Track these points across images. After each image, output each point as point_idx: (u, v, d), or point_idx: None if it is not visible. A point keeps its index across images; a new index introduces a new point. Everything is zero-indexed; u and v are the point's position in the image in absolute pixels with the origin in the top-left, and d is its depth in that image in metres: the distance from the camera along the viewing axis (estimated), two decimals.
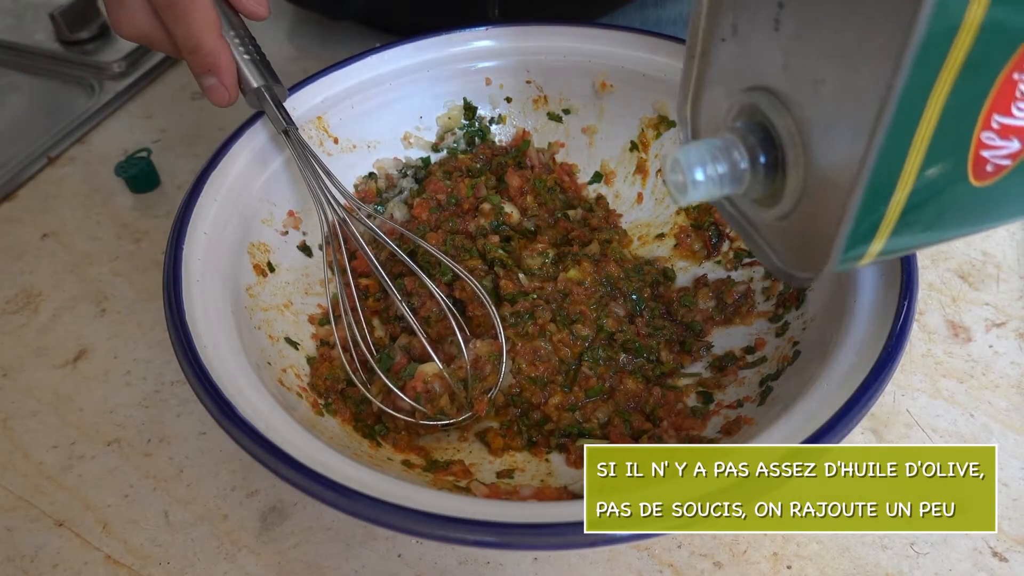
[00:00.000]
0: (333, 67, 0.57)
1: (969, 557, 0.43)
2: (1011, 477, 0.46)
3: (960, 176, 0.28)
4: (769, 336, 0.49)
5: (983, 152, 0.28)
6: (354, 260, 0.54)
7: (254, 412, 0.39)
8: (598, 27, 0.59)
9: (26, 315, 0.57)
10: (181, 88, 0.75)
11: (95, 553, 0.45)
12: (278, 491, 0.46)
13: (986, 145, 0.27)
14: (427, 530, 0.35)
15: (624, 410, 0.47)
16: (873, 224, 0.28)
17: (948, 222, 0.30)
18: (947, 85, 0.25)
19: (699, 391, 0.48)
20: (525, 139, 0.61)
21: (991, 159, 0.28)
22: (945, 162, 0.27)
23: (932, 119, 0.26)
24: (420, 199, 0.56)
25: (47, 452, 0.49)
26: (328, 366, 0.48)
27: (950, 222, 0.30)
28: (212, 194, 0.48)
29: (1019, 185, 0.29)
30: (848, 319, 0.42)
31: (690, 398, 0.48)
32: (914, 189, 0.27)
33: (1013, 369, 0.51)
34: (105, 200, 0.64)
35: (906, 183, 0.27)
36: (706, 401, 0.48)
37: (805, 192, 0.29)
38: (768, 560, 0.43)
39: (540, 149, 0.61)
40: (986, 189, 0.29)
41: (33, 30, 0.79)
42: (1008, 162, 0.28)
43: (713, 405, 0.47)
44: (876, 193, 0.27)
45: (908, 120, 0.25)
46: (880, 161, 0.26)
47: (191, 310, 0.42)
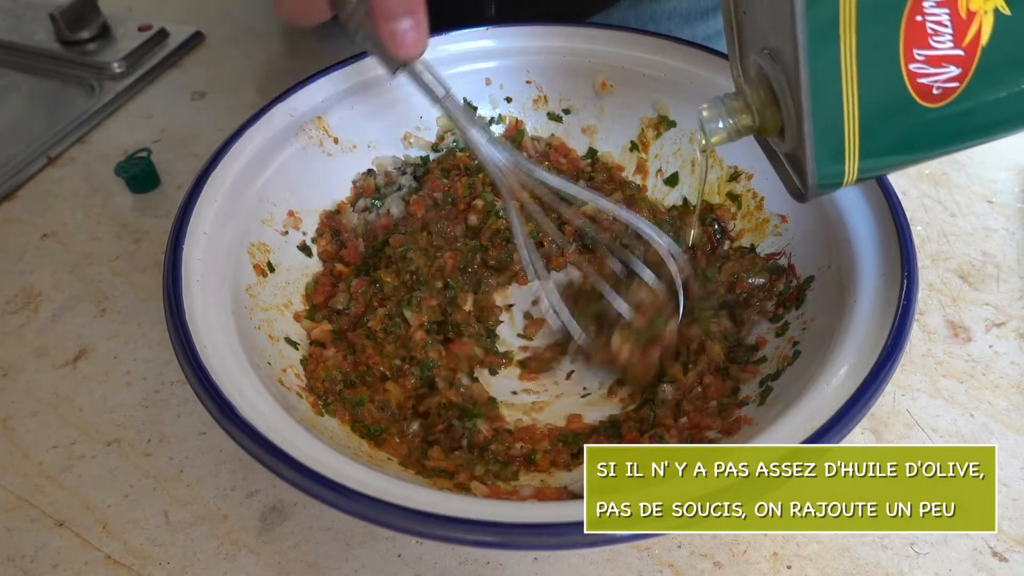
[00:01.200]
0: (333, 67, 0.57)
1: (969, 557, 0.43)
2: (1011, 477, 0.46)
3: (907, 101, 0.33)
4: (769, 336, 0.49)
5: (921, 80, 0.33)
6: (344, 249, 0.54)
7: (254, 412, 0.39)
8: (598, 27, 0.59)
9: (26, 315, 0.57)
10: (181, 88, 0.75)
11: (95, 553, 0.45)
12: (278, 491, 0.46)
13: (920, 73, 0.33)
14: (427, 530, 0.35)
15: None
16: (837, 147, 0.34)
17: (921, 140, 0.35)
18: (851, 29, 0.32)
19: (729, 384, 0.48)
20: (519, 129, 0.61)
21: (934, 84, 0.33)
22: (882, 91, 0.33)
23: (851, 57, 0.32)
24: (417, 197, 0.57)
25: (47, 452, 0.49)
26: (323, 367, 0.48)
27: (923, 139, 0.35)
28: (212, 194, 0.48)
29: (981, 99, 0.34)
30: (848, 319, 0.42)
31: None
32: (862, 115, 0.34)
33: (1013, 369, 0.51)
34: (105, 200, 0.64)
35: (851, 111, 0.33)
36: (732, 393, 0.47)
37: (793, 126, 0.35)
38: (768, 560, 0.43)
39: (535, 138, 0.61)
40: (945, 108, 0.34)
41: (33, 30, 0.79)
42: (956, 84, 0.33)
43: (741, 396, 0.46)
44: (825, 119, 0.34)
45: (827, 58, 0.32)
46: (815, 91, 0.33)
47: (191, 310, 0.42)
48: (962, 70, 0.33)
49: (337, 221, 0.55)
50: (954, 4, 0.32)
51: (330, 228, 0.55)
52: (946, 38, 0.33)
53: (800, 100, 0.34)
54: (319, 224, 0.55)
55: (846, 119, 0.34)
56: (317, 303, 0.52)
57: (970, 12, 0.32)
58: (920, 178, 0.63)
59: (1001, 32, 0.33)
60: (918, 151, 0.36)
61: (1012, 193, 0.61)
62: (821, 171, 0.35)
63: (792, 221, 0.53)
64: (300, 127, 0.54)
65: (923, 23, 0.32)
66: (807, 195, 0.37)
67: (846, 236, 0.46)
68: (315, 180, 0.55)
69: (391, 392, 0.47)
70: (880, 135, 0.35)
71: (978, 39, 0.33)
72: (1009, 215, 0.60)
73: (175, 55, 0.77)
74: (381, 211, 0.57)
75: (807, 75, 0.33)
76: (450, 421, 0.45)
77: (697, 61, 0.56)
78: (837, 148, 0.35)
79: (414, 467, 0.44)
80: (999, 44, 0.33)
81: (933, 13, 0.32)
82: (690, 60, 0.56)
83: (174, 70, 0.77)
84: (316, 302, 0.52)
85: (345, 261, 0.54)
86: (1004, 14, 0.33)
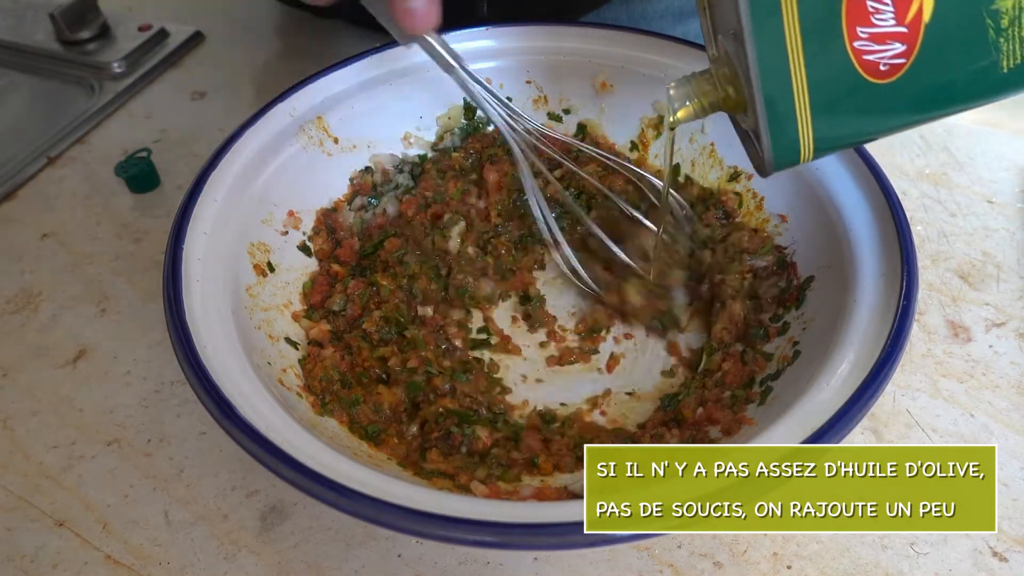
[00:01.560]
0: (333, 67, 0.57)
1: (969, 557, 0.43)
2: (1011, 477, 0.46)
3: (855, 77, 0.35)
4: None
5: (866, 56, 0.34)
6: (338, 248, 0.54)
7: (254, 412, 0.39)
8: (598, 27, 0.59)
9: (26, 315, 0.57)
10: (181, 88, 0.74)
11: (95, 553, 0.45)
12: (278, 491, 0.46)
13: (865, 51, 0.34)
14: (427, 530, 0.35)
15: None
16: (790, 124, 0.36)
17: (873, 115, 0.36)
18: (793, 8, 0.33)
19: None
20: None
21: (880, 60, 0.34)
22: (829, 68, 0.34)
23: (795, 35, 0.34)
24: (408, 197, 0.57)
25: (47, 452, 0.49)
26: (321, 367, 0.48)
27: (875, 115, 0.36)
28: (212, 194, 0.48)
29: (929, 74, 0.35)
30: (848, 319, 0.42)
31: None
32: (812, 93, 0.35)
33: (1013, 369, 0.51)
34: (105, 200, 0.64)
35: (801, 88, 0.35)
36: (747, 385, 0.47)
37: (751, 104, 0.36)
38: (768, 560, 0.43)
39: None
40: (894, 83, 0.35)
41: (33, 30, 0.79)
42: (903, 60, 0.34)
43: (756, 387, 0.46)
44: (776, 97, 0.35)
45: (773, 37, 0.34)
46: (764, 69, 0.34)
47: (191, 310, 0.42)
48: (907, 46, 0.34)
49: (333, 219, 0.56)
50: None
51: (326, 226, 0.55)
52: (888, 16, 0.33)
53: (750, 79, 0.35)
54: (315, 221, 0.55)
55: (796, 97, 0.35)
56: (314, 303, 0.52)
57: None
58: (920, 178, 0.63)
59: (944, 9, 0.34)
60: (872, 127, 0.37)
61: (1012, 193, 0.61)
62: (776, 147, 0.37)
63: (792, 221, 0.53)
64: (300, 127, 0.54)
65: (863, 2, 0.33)
66: (766, 170, 0.39)
67: (846, 236, 0.46)
68: (315, 180, 0.55)
69: (383, 395, 0.47)
70: (832, 112, 0.36)
71: (920, 16, 0.34)
72: (1009, 215, 0.60)
73: (175, 55, 0.77)
74: (377, 210, 0.57)
75: (755, 55, 0.34)
76: (448, 428, 0.45)
77: (697, 61, 0.56)
78: (790, 125, 0.36)
79: (412, 468, 0.44)
80: (942, 20, 0.34)
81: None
82: (690, 60, 0.56)
83: (174, 70, 0.77)
84: (313, 302, 0.52)
85: (341, 260, 0.54)
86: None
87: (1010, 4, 0.34)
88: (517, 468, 0.45)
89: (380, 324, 0.50)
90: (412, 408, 0.47)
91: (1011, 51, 0.35)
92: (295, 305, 0.51)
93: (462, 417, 0.46)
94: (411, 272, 0.52)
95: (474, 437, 0.45)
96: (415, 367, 0.47)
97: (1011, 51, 0.35)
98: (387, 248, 0.53)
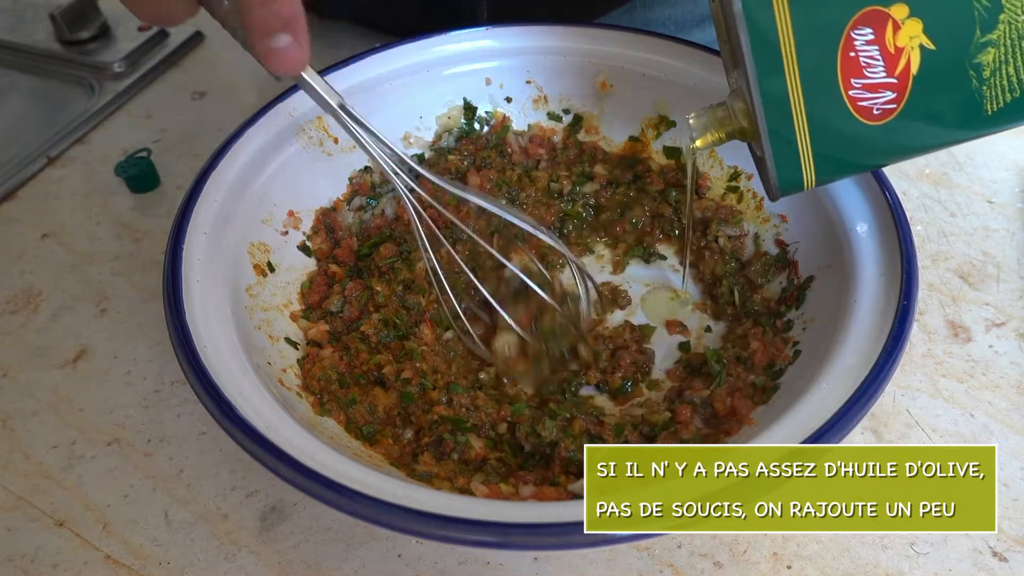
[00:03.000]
0: (333, 67, 0.57)
1: (969, 557, 0.43)
2: (1011, 477, 0.46)
3: (851, 120, 0.39)
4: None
5: (861, 103, 0.39)
6: (337, 248, 0.54)
7: (254, 412, 0.39)
8: (598, 27, 0.59)
9: (26, 315, 0.57)
10: (181, 88, 0.74)
11: (95, 553, 0.45)
12: (278, 491, 0.46)
13: (859, 98, 0.39)
14: (427, 530, 0.35)
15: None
16: (793, 157, 0.40)
17: (868, 152, 0.41)
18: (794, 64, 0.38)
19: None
20: (504, 125, 0.61)
21: (874, 106, 0.39)
22: (827, 112, 0.39)
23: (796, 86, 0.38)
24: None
25: (47, 452, 0.49)
26: (319, 367, 0.48)
27: (870, 151, 0.41)
28: (212, 194, 0.48)
29: (918, 117, 0.39)
30: (848, 319, 0.42)
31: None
32: (812, 133, 0.40)
33: (1013, 369, 0.51)
34: (105, 200, 0.64)
35: (802, 128, 0.39)
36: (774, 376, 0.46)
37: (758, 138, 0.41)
38: (768, 560, 0.43)
39: (518, 132, 0.61)
40: (886, 125, 0.39)
41: (33, 30, 0.79)
42: (894, 106, 0.39)
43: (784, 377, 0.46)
44: (780, 134, 0.40)
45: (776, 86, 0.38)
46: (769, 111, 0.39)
47: (191, 310, 0.42)
48: (897, 94, 0.39)
49: (332, 219, 0.55)
50: (882, 42, 0.38)
51: (325, 225, 0.55)
52: (879, 70, 0.38)
53: (757, 118, 0.40)
54: (314, 221, 0.55)
55: (799, 135, 0.40)
56: (312, 303, 0.52)
57: (898, 48, 0.38)
58: (920, 178, 0.63)
59: (929, 63, 0.38)
60: (868, 161, 0.42)
61: (1012, 193, 0.61)
62: (782, 177, 0.41)
63: (792, 221, 0.53)
64: (300, 127, 0.54)
65: (856, 58, 0.38)
66: (773, 195, 0.43)
67: (846, 236, 0.46)
68: (315, 180, 0.55)
69: (379, 397, 0.47)
70: (831, 149, 0.40)
71: (908, 69, 0.38)
72: (1009, 215, 0.60)
73: (175, 55, 0.77)
74: (375, 211, 0.57)
75: (760, 101, 0.39)
76: (440, 435, 0.45)
77: (697, 61, 0.56)
78: (794, 159, 0.40)
79: (404, 470, 0.44)
80: (928, 73, 0.38)
81: (864, 50, 0.38)
82: (690, 60, 0.56)
83: (174, 70, 0.77)
84: (311, 302, 0.52)
85: (339, 261, 0.54)
86: (929, 49, 0.38)
87: (991, 58, 0.38)
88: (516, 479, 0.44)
89: (379, 327, 0.50)
90: (405, 415, 0.47)
91: (994, 96, 0.39)
92: (295, 305, 0.51)
93: (455, 424, 0.45)
94: (403, 278, 0.52)
95: (466, 446, 0.44)
96: (409, 378, 0.47)
97: (994, 96, 0.39)
98: (382, 253, 0.53)
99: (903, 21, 0.37)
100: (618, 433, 0.45)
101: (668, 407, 0.46)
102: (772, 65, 0.38)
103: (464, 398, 0.47)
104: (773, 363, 0.47)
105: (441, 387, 0.47)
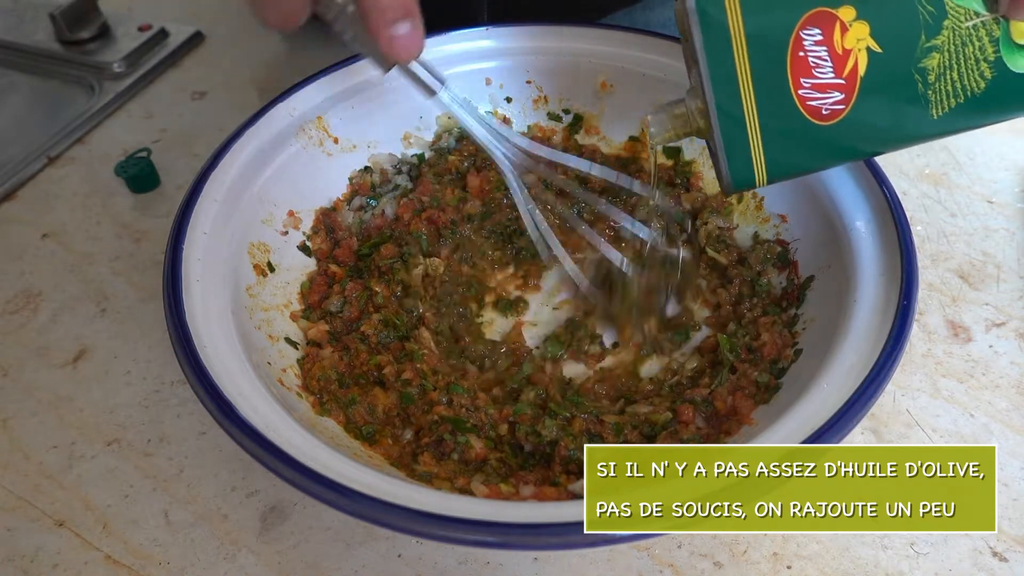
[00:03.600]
0: (333, 67, 0.57)
1: (969, 557, 0.43)
2: (1011, 477, 0.46)
3: (801, 120, 0.40)
4: None
5: (810, 103, 0.40)
6: (337, 248, 0.54)
7: (254, 412, 0.39)
8: (598, 27, 0.59)
9: (26, 315, 0.57)
10: (181, 88, 0.74)
11: (95, 553, 0.45)
12: (278, 491, 0.46)
13: (809, 98, 0.40)
14: (427, 530, 0.35)
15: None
16: (745, 155, 0.41)
17: (818, 151, 0.42)
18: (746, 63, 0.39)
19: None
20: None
21: (823, 106, 0.40)
22: (778, 112, 0.40)
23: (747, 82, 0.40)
24: (405, 200, 0.57)
25: (47, 452, 0.49)
26: (319, 367, 0.48)
27: (820, 151, 0.42)
28: (212, 194, 0.48)
29: (866, 118, 0.40)
30: (848, 319, 0.42)
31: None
32: (764, 131, 0.41)
33: (1013, 369, 0.51)
34: (105, 200, 0.64)
35: (753, 126, 0.41)
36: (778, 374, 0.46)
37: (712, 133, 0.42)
38: (768, 560, 0.43)
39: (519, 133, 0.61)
40: (836, 125, 0.40)
41: (33, 30, 0.79)
42: (842, 106, 0.40)
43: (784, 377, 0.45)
44: (733, 132, 0.41)
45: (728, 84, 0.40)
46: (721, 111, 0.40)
47: (191, 310, 0.42)
48: (845, 95, 0.40)
49: (332, 218, 0.55)
50: (830, 43, 0.39)
51: (325, 225, 0.55)
52: (827, 70, 0.39)
53: (710, 113, 0.41)
54: (314, 221, 0.55)
55: (750, 132, 0.41)
56: (312, 303, 0.52)
57: (845, 50, 0.39)
58: (920, 178, 0.63)
59: (875, 65, 0.39)
60: (818, 160, 0.43)
61: (1012, 193, 0.61)
62: (733, 172, 0.42)
63: (792, 221, 0.53)
64: (300, 127, 0.54)
65: (805, 57, 0.39)
66: (725, 189, 0.44)
67: (846, 236, 0.46)
68: (315, 180, 0.55)
69: (379, 398, 0.47)
70: (781, 147, 0.41)
71: (856, 71, 0.39)
72: (1009, 215, 0.60)
73: (175, 55, 0.77)
74: (376, 211, 0.57)
75: (712, 95, 0.40)
76: (440, 435, 0.45)
77: None
78: (745, 155, 0.42)
79: (404, 470, 0.44)
80: (875, 76, 0.39)
81: (813, 50, 0.39)
82: None
83: (174, 70, 0.77)
84: (311, 302, 0.52)
85: (339, 261, 0.54)
86: (876, 52, 0.39)
87: (935, 63, 0.39)
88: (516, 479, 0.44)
89: (379, 328, 0.49)
90: (405, 416, 0.47)
91: (939, 102, 0.40)
92: (295, 305, 0.51)
93: (456, 424, 0.45)
94: (400, 279, 0.52)
95: (467, 446, 0.44)
96: (410, 379, 0.47)
97: (939, 102, 0.40)
98: (382, 254, 0.53)
99: (851, 23, 0.38)
100: (618, 433, 0.45)
101: (669, 407, 0.46)
102: (724, 61, 0.39)
103: (464, 398, 0.47)
104: (778, 359, 0.47)
105: (441, 387, 0.47)
